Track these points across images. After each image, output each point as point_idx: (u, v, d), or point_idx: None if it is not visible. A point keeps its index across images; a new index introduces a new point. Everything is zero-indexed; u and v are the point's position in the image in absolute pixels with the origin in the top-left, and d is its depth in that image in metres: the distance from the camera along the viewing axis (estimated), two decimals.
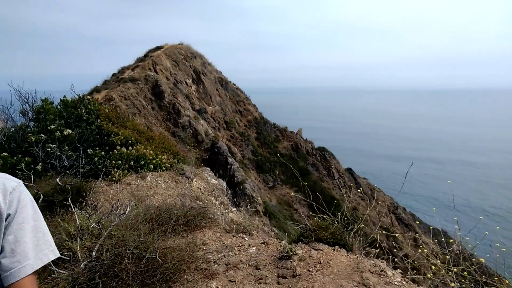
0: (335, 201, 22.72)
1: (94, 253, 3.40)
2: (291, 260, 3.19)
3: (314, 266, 3.09)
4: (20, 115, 6.45)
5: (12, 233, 0.98)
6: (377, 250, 3.41)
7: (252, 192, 20.56)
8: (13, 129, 6.01)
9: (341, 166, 32.25)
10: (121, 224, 3.83)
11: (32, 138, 5.78)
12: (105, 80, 24.91)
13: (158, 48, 29.82)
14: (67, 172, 5.84)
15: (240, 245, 3.75)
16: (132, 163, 6.39)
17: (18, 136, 5.88)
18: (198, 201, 6.30)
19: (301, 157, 30.12)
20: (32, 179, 4.65)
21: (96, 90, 20.80)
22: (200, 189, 7.42)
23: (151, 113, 23.09)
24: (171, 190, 6.33)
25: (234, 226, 4.24)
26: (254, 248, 3.61)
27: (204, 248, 3.76)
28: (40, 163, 5.78)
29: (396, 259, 3.65)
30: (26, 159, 5.57)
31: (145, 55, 28.51)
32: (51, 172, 5.77)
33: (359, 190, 5.97)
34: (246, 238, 3.95)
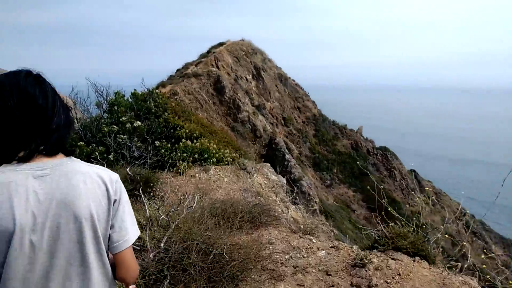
0: (397, 203, 21.65)
1: (162, 245, 3.41)
2: (366, 269, 2.95)
3: (393, 278, 2.82)
4: (95, 106, 6.80)
5: (119, 215, 1.26)
6: (465, 265, 3.05)
7: (309, 190, 20.23)
8: (88, 120, 6.36)
9: (404, 167, 30.66)
10: (188, 217, 3.83)
11: (106, 129, 6.05)
12: (170, 75, 25.82)
13: (220, 44, 30.36)
14: (136, 162, 6.05)
15: (308, 247, 3.57)
16: (196, 156, 6.47)
17: (93, 127, 6.20)
18: (259, 197, 6.22)
19: (361, 156, 29.09)
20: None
21: (162, 84, 21.64)
22: (260, 184, 7.34)
23: (212, 108, 23.59)
24: (233, 184, 6.31)
25: (301, 226, 4.07)
26: (323, 251, 3.41)
27: (271, 247, 3.63)
28: (112, 153, 6.04)
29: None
30: (100, 149, 5.85)
31: (208, 51, 29.14)
32: (121, 162, 6.01)
33: (427, 194, 5.49)
34: (313, 240, 3.76)
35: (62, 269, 1.13)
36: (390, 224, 3.41)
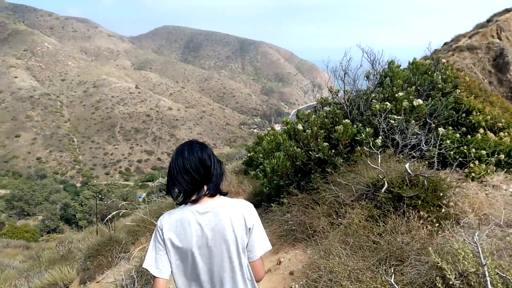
0: None
1: None
2: None
3: None
4: (365, 78, 5.67)
5: (251, 237, 1.81)
6: None
7: None
8: (354, 93, 5.30)
9: None
10: None
11: (377, 106, 4.80)
12: (435, 50, 22.39)
13: (507, 10, 24.03)
14: (410, 152, 4.56)
15: None
16: (502, 156, 4.36)
17: (361, 102, 5.08)
18: None
19: None
20: (379, 160, 3.59)
21: (425, 59, 18.89)
22: None
23: (487, 89, 19.02)
24: None
25: None
26: None
27: None
28: (380, 137, 4.76)
29: None
30: (367, 130, 4.67)
31: (488, 20, 23.55)
32: (390, 150, 4.66)
33: None
34: None
35: (220, 273, 1.73)
36: None
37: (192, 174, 1.74)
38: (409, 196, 3.19)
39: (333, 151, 4.72)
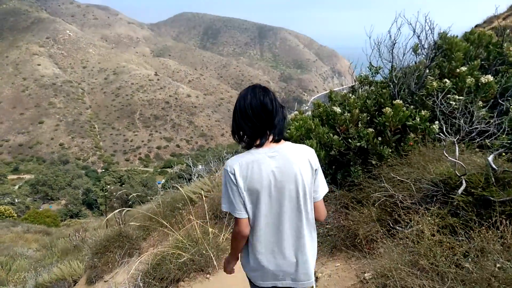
0: None
1: None
2: None
3: None
4: (412, 52, 4.73)
5: (317, 179, 1.88)
6: None
7: None
8: (399, 70, 4.38)
9: None
10: None
11: (434, 84, 3.88)
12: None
13: None
14: (475, 140, 3.66)
15: None
16: None
17: (412, 80, 4.17)
18: None
19: None
20: (456, 151, 2.70)
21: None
22: None
23: None
24: None
25: None
26: None
27: None
28: (437, 122, 3.87)
29: None
30: (423, 113, 3.78)
31: None
32: (449, 138, 3.76)
33: None
34: None
35: (287, 212, 1.80)
36: None
37: (255, 119, 1.76)
38: (502, 200, 2.32)
39: (379, 138, 3.87)
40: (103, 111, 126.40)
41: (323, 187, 1.90)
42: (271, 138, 1.78)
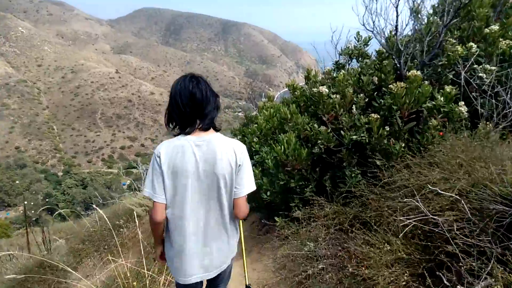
0: None
1: None
2: None
3: None
4: (430, 13, 3.57)
5: (239, 175, 1.85)
6: None
7: None
8: (410, 32, 3.24)
9: None
10: None
11: (459, 49, 2.75)
12: None
13: None
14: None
15: None
16: None
17: (425, 44, 3.02)
18: None
19: None
20: None
21: None
22: None
23: None
24: None
25: None
26: None
27: None
28: (462, 102, 2.74)
29: None
30: (447, 89, 2.63)
31: None
32: (481, 123, 2.66)
33: None
34: None
35: (207, 201, 1.82)
36: None
37: (183, 108, 1.80)
38: None
39: (386, 128, 2.69)
40: (61, 111, 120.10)
41: (248, 185, 1.89)
42: (200, 126, 1.81)
